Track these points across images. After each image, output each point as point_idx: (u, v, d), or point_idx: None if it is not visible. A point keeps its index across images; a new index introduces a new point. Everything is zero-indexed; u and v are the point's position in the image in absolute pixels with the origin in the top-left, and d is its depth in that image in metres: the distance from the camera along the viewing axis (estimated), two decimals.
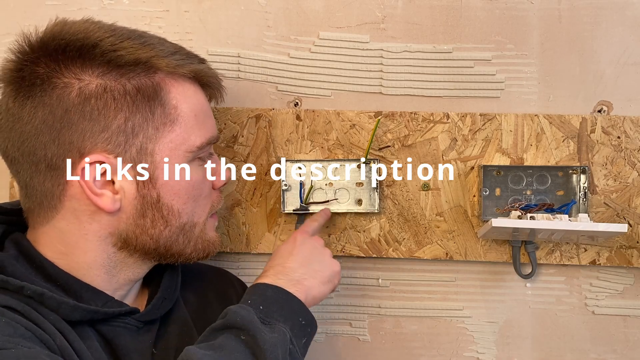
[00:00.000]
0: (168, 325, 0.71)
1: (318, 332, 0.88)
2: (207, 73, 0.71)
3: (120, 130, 0.62)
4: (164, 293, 0.71)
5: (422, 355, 0.88)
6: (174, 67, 0.65)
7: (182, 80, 0.67)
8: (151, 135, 0.64)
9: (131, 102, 0.63)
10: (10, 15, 0.89)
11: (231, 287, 0.83)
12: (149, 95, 0.64)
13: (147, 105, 0.63)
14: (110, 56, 0.63)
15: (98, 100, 0.62)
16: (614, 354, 0.87)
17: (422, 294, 0.88)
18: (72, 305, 0.61)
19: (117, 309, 0.65)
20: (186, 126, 0.66)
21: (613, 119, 0.84)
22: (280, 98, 0.88)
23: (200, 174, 0.69)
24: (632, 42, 0.85)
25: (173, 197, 0.66)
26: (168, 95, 0.65)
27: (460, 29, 0.86)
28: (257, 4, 0.88)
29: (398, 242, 0.86)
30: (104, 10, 0.88)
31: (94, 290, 0.65)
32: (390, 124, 0.86)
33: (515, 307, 0.88)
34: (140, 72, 0.64)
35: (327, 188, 0.86)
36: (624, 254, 0.85)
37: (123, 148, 0.63)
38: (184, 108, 0.66)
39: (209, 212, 0.72)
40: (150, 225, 0.65)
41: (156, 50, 0.65)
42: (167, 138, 0.65)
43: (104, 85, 0.62)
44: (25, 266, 0.63)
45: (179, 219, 0.67)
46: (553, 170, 0.84)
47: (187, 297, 0.77)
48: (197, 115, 0.67)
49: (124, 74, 0.63)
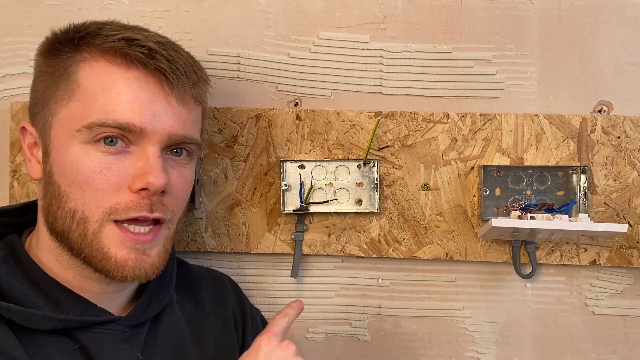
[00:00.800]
0: (158, 330, 0.70)
1: (318, 332, 0.88)
2: (134, 42, 0.63)
3: (37, 101, 0.66)
4: (149, 296, 0.70)
5: (422, 355, 0.88)
6: (98, 45, 0.63)
7: (105, 63, 0.63)
8: (52, 109, 0.64)
9: (47, 75, 0.65)
10: (10, 15, 0.89)
11: (225, 291, 0.82)
12: (61, 71, 0.64)
13: (56, 80, 0.64)
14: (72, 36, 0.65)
15: (39, 74, 0.67)
16: (614, 354, 0.87)
17: (422, 294, 0.88)
18: (41, 315, 0.60)
19: (94, 317, 0.63)
20: (82, 104, 0.62)
21: (613, 119, 0.84)
22: (280, 98, 0.88)
23: (96, 161, 0.61)
24: (632, 42, 0.85)
25: (60, 176, 0.63)
26: (76, 73, 0.63)
27: (460, 29, 0.86)
28: (257, 4, 0.88)
29: (398, 242, 0.86)
30: (104, 10, 0.88)
31: (75, 296, 0.64)
32: (390, 124, 0.86)
33: (515, 307, 0.88)
34: (70, 50, 0.64)
35: (327, 188, 0.86)
36: (624, 254, 0.85)
37: (37, 118, 0.66)
38: (87, 86, 0.62)
39: (109, 212, 0.61)
40: (50, 201, 0.64)
41: (100, 33, 0.64)
42: (62, 113, 0.63)
43: (48, 62, 0.66)
44: (12, 269, 0.63)
45: (67, 202, 0.62)
46: (553, 170, 0.84)
47: (181, 301, 0.76)
48: (97, 93, 0.62)
49: (62, 51, 0.65)
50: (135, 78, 0.63)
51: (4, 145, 0.88)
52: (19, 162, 0.87)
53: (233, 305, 0.81)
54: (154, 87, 0.63)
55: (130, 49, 0.62)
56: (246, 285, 0.88)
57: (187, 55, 0.69)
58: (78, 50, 0.64)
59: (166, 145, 0.64)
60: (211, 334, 0.76)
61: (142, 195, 0.62)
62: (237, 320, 0.80)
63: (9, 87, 0.89)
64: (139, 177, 0.61)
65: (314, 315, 0.89)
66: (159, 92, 0.63)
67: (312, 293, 0.89)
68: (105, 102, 0.61)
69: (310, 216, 0.87)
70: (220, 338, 0.76)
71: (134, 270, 0.63)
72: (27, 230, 0.70)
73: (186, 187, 0.68)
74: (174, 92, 0.64)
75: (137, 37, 0.63)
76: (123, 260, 0.62)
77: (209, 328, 0.76)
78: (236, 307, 0.81)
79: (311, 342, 0.89)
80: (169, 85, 0.64)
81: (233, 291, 0.83)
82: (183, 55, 0.67)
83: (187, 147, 0.67)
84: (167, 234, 0.67)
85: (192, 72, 0.67)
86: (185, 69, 0.65)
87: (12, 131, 0.87)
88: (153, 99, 0.63)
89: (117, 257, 0.62)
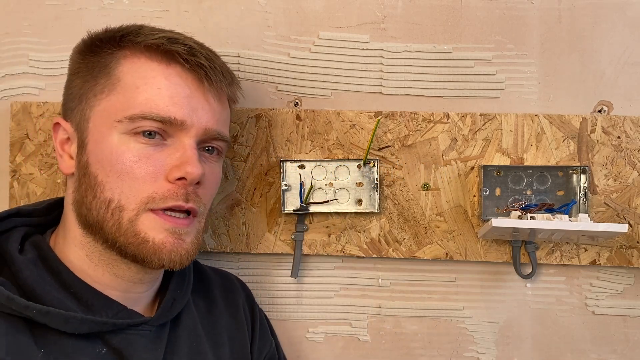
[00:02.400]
0: (178, 329, 0.71)
1: (318, 332, 0.88)
2: (172, 41, 0.66)
3: (73, 97, 0.67)
4: (173, 294, 0.71)
5: (422, 355, 0.88)
6: (139, 42, 0.66)
7: (146, 59, 0.65)
8: (90, 102, 0.65)
9: (86, 71, 0.66)
10: (10, 15, 0.89)
11: (235, 289, 0.83)
12: (101, 66, 0.66)
13: (95, 75, 0.66)
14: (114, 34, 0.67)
15: (76, 70, 0.68)
16: (614, 354, 0.87)
17: (422, 294, 0.88)
18: (80, 318, 0.60)
19: (127, 320, 0.64)
20: (123, 96, 0.64)
21: (613, 119, 0.84)
22: (280, 98, 0.88)
23: (134, 151, 0.63)
24: (632, 42, 0.85)
25: (97, 165, 0.64)
26: (117, 68, 0.65)
27: (460, 29, 0.86)
28: (257, 4, 0.88)
29: (398, 242, 0.86)
30: (104, 10, 0.88)
31: (105, 299, 0.65)
32: (390, 124, 0.86)
33: (516, 307, 0.88)
34: (110, 47, 0.66)
35: (327, 188, 0.86)
36: (624, 254, 0.85)
37: (73, 113, 0.66)
38: (128, 79, 0.64)
39: (146, 201, 0.63)
40: (84, 193, 0.64)
41: (141, 32, 0.66)
42: (102, 105, 0.65)
43: (88, 59, 0.67)
44: (42, 271, 0.63)
45: (103, 191, 0.63)
46: (553, 170, 0.84)
47: (195, 300, 0.77)
48: (139, 87, 0.64)
49: (102, 49, 0.66)
50: (176, 73, 0.65)
51: (4, 145, 0.88)
52: (19, 162, 0.87)
53: (243, 304, 0.82)
54: (192, 82, 0.66)
55: (172, 46, 0.65)
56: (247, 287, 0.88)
57: (222, 59, 0.72)
58: (119, 48, 0.66)
59: (201, 140, 0.67)
60: (225, 332, 0.77)
61: (179, 185, 0.64)
62: (247, 318, 0.82)
63: (9, 87, 0.89)
64: (177, 167, 0.64)
65: (314, 315, 0.89)
66: (198, 88, 0.66)
67: (312, 293, 0.89)
68: (148, 95, 0.64)
69: (310, 216, 0.87)
70: (233, 336, 0.78)
71: (171, 254, 0.64)
72: (49, 231, 0.70)
73: (216, 184, 0.72)
74: (212, 88, 0.68)
75: (177, 37, 0.67)
76: (161, 244, 0.63)
77: (222, 327, 0.77)
78: (246, 305, 0.83)
79: (311, 342, 0.89)
80: (208, 82, 0.67)
81: (242, 290, 0.84)
82: (219, 57, 0.71)
83: (217, 145, 0.70)
84: (199, 226, 0.69)
85: (227, 72, 0.71)
86: (222, 68, 0.69)
87: (12, 131, 0.87)
88: (192, 94, 0.66)
89: (155, 240, 0.63)
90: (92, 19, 0.88)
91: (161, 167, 0.63)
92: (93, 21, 0.88)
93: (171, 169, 0.64)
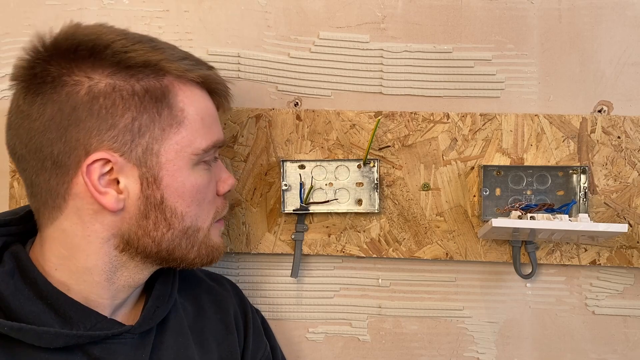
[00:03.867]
0: (164, 334, 0.70)
1: (318, 332, 0.88)
2: (215, 80, 0.71)
3: (127, 129, 0.62)
4: (155, 301, 0.70)
5: (422, 355, 0.88)
6: (183, 71, 0.66)
7: (190, 84, 0.67)
8: (157, 136, 0.63)
9: (139, 102, 0.63)
10: (10, 15, 0.89)
11: (226, 294, 0.82)
12: (157, 96, 0.64)
13: (154, 106, 0.63)
14: (121, 57, 0.63)
15: (106, 99, 0.62)
16: (614, 354, 0.87)
17: (422, 294, 0.88)
18: (54, 333, 0.60)
19: (105, 331, 0.64)
20: (192, 129, 0.66)
21: (613, 119, 0.84)
22: (280, 98, 0.88)
23: (205, 178, 0.68)
24: (632, 42, 0.85)
25: (177, 199, 0.65)
26: (176, 98, 0.65)
27: (460, 29, 0.86)
28: (257, 4, 0.88)
29: (398, 242, 0.86)
30: (103, 10, 0.88)
31: (84, 310, 0.64)
32: (390, 124, 0.86)
33: (515, 307, 0.88)
34: (150, 73, 0.64)
35: (327, 188, 0.86)
36: (624, 254, 0.85)
37: (129, 147, 0.62)
38: (191, 111, 0.66)
39: (214, 217, 0.71)
40: (153, 227, 0.65)
41: (166, 54, 0.65)
42: (173, 140, 0.64)
43: (112, 84, 0.62)
44: (19, 283, 0.62)
45: (182, 222, 0.66)
46: (553, 170, 0.84)
47: (183, 304, 0.76)
48: (203, 118, 0.67)
49: (134, 74, 0.63)
50: (208, 98, 0.71)
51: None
52: None
53: (235, 309, 0.81)
54: (212, 104, 0.72)
55: (214, 85, 0.71)
56: (246, 285, 0.88)
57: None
58: (160, 72, 0.65)
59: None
60: (213, 337, 0.76)
61: (225, 196, 0.74)
62: (239, 324, 0.80)
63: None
64: (223, 181, 0.73)
65: (314, 315, 0.89)
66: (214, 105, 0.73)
67: (312, 293, 0.89)
68: (209, 124, 0.69)
69: (310, 216, 0.87)
70: (222, 342, 0.77)
71: (222, 250, 0.74)
72: (30, 240, 0.69)
73: None
74: (223, 105, 0.75)
75: (209, 74, 0.70)
76: (222, 244, 0.74)
77: (211, 331, 0.76)
78: (238, 310, 0.82)
79: (311, 342, 0.89)
80: (226, 101, 0.75)
81: (234, 294, 0.83)
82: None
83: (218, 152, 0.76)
84: None
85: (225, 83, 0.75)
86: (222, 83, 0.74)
87: None
88: (217, 115, 0.73)
89: (219, 243, 0.72)
90: (92, 19, 0.88)
91: (214, 185, 0.72)
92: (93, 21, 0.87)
93: (220, 184, 0.72)
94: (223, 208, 0.73)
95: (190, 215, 0.67)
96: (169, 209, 0.65)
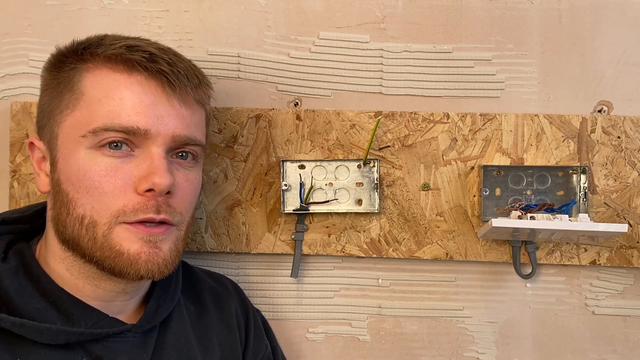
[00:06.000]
0: (167, 334, 0.71)
1: (318, 332, 0.88)
2: (128, 55, 0.64)
3: (43, 114, 0.67)
4: (157, 301, 0.70)
5: (422, 355, 0.88)
6: (98, 54, 0.65)
7: (108, 70, 0.64)
8: (57, 119, 0.65)
9: (53, 88, 0.66)
10: (10, 15, 0.89)
11: (228, 294, 0.82)
12: (65, 82, 0.65)
13: (61, 91, 0.65)
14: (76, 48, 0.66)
15: (44, 90, 0.68)
16: (614, 354, 0.87)
17: (422, 294, 0.88)
18: (56, 329, 0.60)
19: (106, 329, 0.64)
20: (87, 110, 0.63)
21: (613, 119, 0.84)
22: (280, 98, 0.88)
23: (101, 166, 0.62)
24: (632, 42, 0.85)
25: (67, 183, 0.63)
26: (80, 82, 0.64)
27: (460, 29, 0.86)
28: (257, 4, 0.88)
29: (398, 242, 0.86)
30: (104, 10, 0.88)
31: (85, 307, 0.64)
32: (390, 124, 0.86)
33: (515, 307, 0.88)
34: (73, 61, 0.66)
35: (327, 188, 0.86)
36: (624, 254, 0.85)
37: (43, 131, 0.67)
38: (91, 93, 0.63)
39: (117, 215, 0.62)
40: (59, 210, 0.64)
41: (102, 43, 0.65)
42: (67, 122, 0.64)
43: (53, 75, 0.67)
44: (23, 280, 0.63)
45: (75, 208, 0.63)
46: (553, 170, 0.84)
47: (186, 304, 0.76)
48: (101, 100, 0.63)
49: (66, 64, 0.66)
50: (137, 82, 0.64)
51: (4, 145, 0.88)
52: (19, 162, 0.87)
53: (236, 309, 0.81)
54: (155, 90, 0.64)
55: (131, 54, 0.64)
56: (246, 285, 0.88)
57: (188, 61, 0.70)
58: (81, 61, 0.65)
59: (170, 147, 0.65)
60: (215, 337, 0.76)
61: (149, 197, 0.62)
62: (240, 324, 0.80)
63: (9, 87, 0.89)
64: (145, 178, 0.62)
65: (314, 315, 0.89)
66: (161, 95, 0.64)
67: (312, 293, 0.89)
68: (110, 107, 0.62)
69: (310, 216, 0.87)
70: (224, 342, 0.77)
71: (147, 264, 0.62)
72: (36, 238, 0.69)
73: (193, 190, 0.69)
74: (176, 94, 0.65)
75: (137, 44, 0.65)
76: (136, 254, 0.62)
77: (213, 332, 0.76)
78: (239, 310, 0.82)
79: (311, 342, 0.89)
80: (170, 87, 0.65)
81: (236, 294, 0.83)
82: (184, 60, 0.69)
83: (191, 150, 0.68)
84: (178, 234, 0.67)
85: (193, 75, 0.68)
86: (186, 72, 0.66)
87: (12, 131, 0.87)
88: (156, 101, 0.64)
89: (130, 251, 0.62)
90: (92, 19, 0.88)
91: (129, 179, 0.62)
92: (93, 21, 0.88)
93: (139, 180, 0.62)
94: (138, 209, 0.62)
95: (82, 203, 0.62)
96: (64, 192, 0.64)
